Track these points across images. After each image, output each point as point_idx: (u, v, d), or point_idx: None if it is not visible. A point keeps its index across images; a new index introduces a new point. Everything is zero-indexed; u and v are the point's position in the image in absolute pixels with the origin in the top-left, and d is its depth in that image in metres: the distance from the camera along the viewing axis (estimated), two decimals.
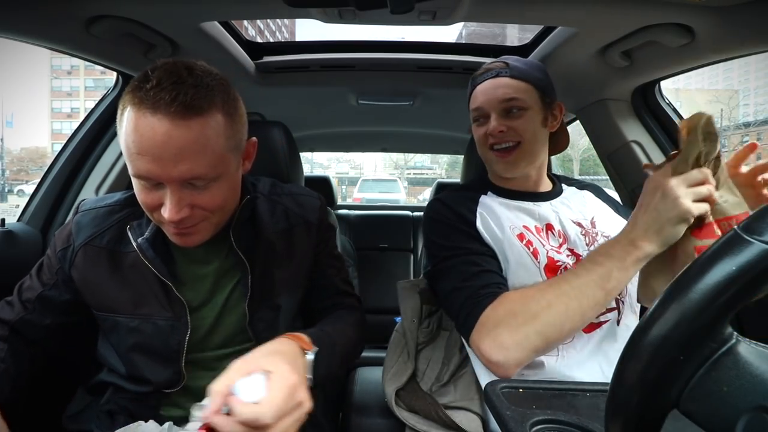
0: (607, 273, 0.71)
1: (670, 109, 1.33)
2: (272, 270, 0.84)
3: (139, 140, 0.63)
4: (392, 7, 0.70)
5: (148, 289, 0.78)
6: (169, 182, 0.65)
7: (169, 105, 0.61)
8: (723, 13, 0.87)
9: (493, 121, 0.91)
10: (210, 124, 0.65)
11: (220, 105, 0.66)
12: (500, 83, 0.92)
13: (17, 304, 0.81)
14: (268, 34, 58.92)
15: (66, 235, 0.82)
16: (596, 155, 1.55)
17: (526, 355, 0.73)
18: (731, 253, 0.29)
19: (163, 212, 0.67)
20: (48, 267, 0.82)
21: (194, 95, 0.63)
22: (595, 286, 0.72)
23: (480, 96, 0.94)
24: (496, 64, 0.94)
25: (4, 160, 32.81)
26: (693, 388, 0.31)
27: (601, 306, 0.73)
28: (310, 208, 0.91)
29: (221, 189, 0.70)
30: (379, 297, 2.13)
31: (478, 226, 0.89)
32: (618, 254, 0.72)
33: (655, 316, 0.31)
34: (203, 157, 0.65)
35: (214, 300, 0.82)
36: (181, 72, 0.64)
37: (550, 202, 0.95)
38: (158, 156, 0.63)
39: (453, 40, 8.02)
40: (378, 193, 13.31)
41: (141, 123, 0.62)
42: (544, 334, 0.72)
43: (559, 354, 0.82)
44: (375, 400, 1.09)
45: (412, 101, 1.67)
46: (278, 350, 0.64)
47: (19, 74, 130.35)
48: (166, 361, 0.78)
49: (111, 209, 0.82)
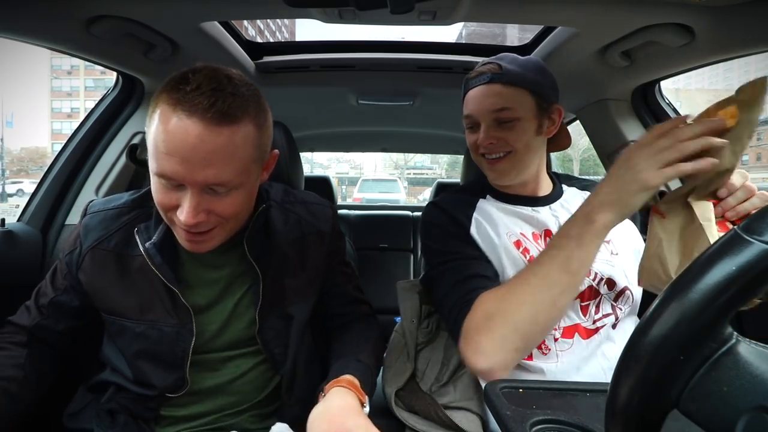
0: (568, 255, 0.70)
1: (670, 109, 1.33)
2: (284, 279, 0.84)
3: (170, 141, 0.63)
4: (392, 7, 0.70)
5: (155, 294, 0.77)
6: (192, 185, 0.65)
7: (206, 110, 0.62)
8: (723, 13, 0.87)
9: (482, 132, 0.89)
10: (241, 134, 0.66)
11: (252, 116, 0.67)
12: (492, 91, 0.88)
13: (34, 310, 0.81)
14: (268, 34, 58.93)
15: (74, 238, 0.82)
16: (596, 155, 1.55)
17: (509, 356, 0.72)
18: (731, 253, 0.29)
19: (179, 214, 0.67)
20: (60, 271, 0.83)
21: (231, 104, 0.64)
22: (560, 271, 0.70)
23: (471, 103, 0.91)
24: (489, 67, 0.89)
25: (4, 160, 32.81)
26: (693, 388, 0.31)
27: (572, 289, 0.72)
28: (322, 217, 0.92)
29: (239, 198, 0.70)
30: (379, 297, 2.11)
31: (472, 232, 0.89)
32: (575, 233, 0.70)
33: (655, 316, 0.31)
34: (230, 165, 0.65)
35: (223, 304, 0.81)
36: (222, 79, 0.65)
37: (550, 206, 0.93)
38: (187, 158, 0.63)
39: (453, 40, 8.02)
40: (378, 193, 13.30)
41: (174, 124, 0.63)
42: (520, 331, 0.71)
43: (558, 359, 0.82)
44: (374, 401, 1.08)
45: (412, 101, 1.67)
46: (351, 406, 0.68)
47: (19, 74, 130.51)
48: (171, 367, 0.78)
49: (119, 211, 0.81)
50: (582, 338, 0.83)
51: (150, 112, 0.67)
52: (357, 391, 0.72)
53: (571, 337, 0.83)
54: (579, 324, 0.83)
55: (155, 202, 0.70)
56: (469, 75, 0.94)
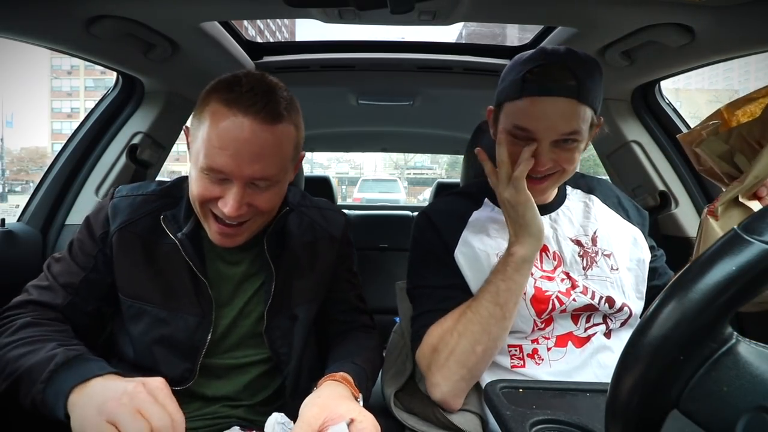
0: (496, 289, 0.75)
1: (670, 109, 1.33)
2: (293, 280, 0.86)
3: (224, 135, 0.69)
4: (392, 7, 0.71)
5: (180, 283, 0.79)
6: (239, 179, 0.70)
7: (259, 110, 0.69)
8: (723, 13, 0.87)
9: (543, 155, 0.76)
10: (285, 133, 0.73)
11: (294, 118, 0.75)
12: (567, 109, 0.74)
13: (59, 290, 0.78)
14: (268, 34, 58.92)
15: (103, 219, 0.82)
16: (596, 155, 1.55)
17: (457, 386, 0.78)
18: (731, 253, 0.29)
19: (222, 206, 0.71)
20: (82, 251, 0.81)
21: (279, 105, 0.71)
22: (490, 304, 0.75)
23: (534, 116, 0.75)
24: (564, 75, 0.74)
25: (4, 160, 32.80)
26: (693, 388, 0.31)
27: (505, 320, 0.75)
28: (335, 223, 0.94)
29: (276, 193, 0.76)
30: (379, 297, 2.12)
31: (456, 255, 0.86)
32: (500, 267, 0.76)
33: (655, 316, 0.31)
34: (275, 161, 0.72)
35: (235, 301, 0.83)
36: (270, 83, 0.73)
37: (550, 215, 0.89)
38: (237, 152, 0.69)
39: (453, 40, 8.01)
40: (378, 193, 13.32)
41: (229, 120, 0.69)
42: (462, 363, 0.76)
43: (552, 368, 0.81)
44: (374, 401, 1.09)
45: (412, 101, 1.67)
46: (343, 395, 0.69)
47: (19, 74, 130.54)
48: (185, 357, 0.79)
49: (146, 198, 0.83)
50: (575, 347, 0.82)
51: (197, 112, 0.73)
52: (350, 385, 0.73)
53: (564, 346, 0.82)
54: (572, 332, 0.83)
55: (194, 194, 0.74)
56: (531, 75, 0.76)
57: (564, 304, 0.81)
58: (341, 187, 21.25)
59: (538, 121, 0.75)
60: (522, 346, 0.82)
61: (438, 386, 0.78)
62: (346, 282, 0.96)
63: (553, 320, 0.82)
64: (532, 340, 0.82)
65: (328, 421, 0.61)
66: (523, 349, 0.82)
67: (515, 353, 0.83)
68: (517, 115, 0.78)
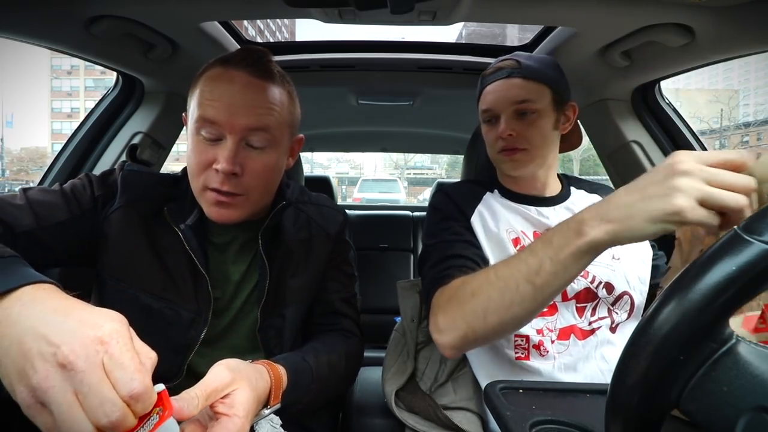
0: (538, 265, 0.60)
1: (670, 109, 1.33)
2: (286, 278, 0.83)
3: (216, 87, 0.71)
4: (392, 7, 0.71)
5: (179, 276, 0.76)
6: (232, 133, 0.70)
7: (251, 66, 0.72)
8: (723, 13, 0.87)
9: (503, 123, 0.89)
10: (278, 93, 0.75)
11: (286, 85, 0.78)
12: (512, 84, 0.89)
13: (29, 213, 0.68)
14: (268, 34, 58.94)
15: (111, 185, 0.77)
16: (596, 155, 1.55)
17: (457, 338, 0.70)
18: (731, 253, 0.29)
19: (216, 166, 0.70)
20: (76, 197, 0.74)
21: (271, 67, 0.75)
22: (523, 278, 0.61)
23: (490, 96, 0.91)
24: (508, 63, 0.91)
25: (4, 160, 32.78)
26: (693, 388, 0.31)
27: (534, 303, 0.62)
28: (332, 221, 0.92)
29: (270, 160, 0.75)
30: (379, 297, 2.12)
31: (472, 221, 0.90)
32: (558, 241, 0.58)
33: (655, 316, 0.31)
34: (268, 114, 0.73)
35: (235, 302, 0.82)
36: (261, 54, 0.76)
37: (554, 207, 0.93)
38: (230, 102, 0.70)
39: (453, 40, 8.02)
40: (378, 193, 13.33)
41: (222, 74, 0.71)
42: (467, 322, 0.68)
43: (556, 360, 0.82)
44: (375, 400, 1.09)
45: (412, 101, 1.67)
46: (260, 398, 0.59)
47: (19, 74, 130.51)
48: (174, 353, 0.75)
49: (157, 180, 0.82)
50: (578, 339, 0.83)
51: (192, 90, 0.75)
52: (277, 381, 0.63)
53: (567, 339, 0.83)
54: (575, 325, 0.83)
55: (191, 165, 0.73)
56: (485, 72, 0.95)
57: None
58: (341, 187, 21.25)
59: (494, 100, 0.91)
60: (529, 336, 0.83)
61: (439, 332, 0.73)
62: (334, 282, 0.90)
63: (558, 309, 0.83)
64: (537, 330, 0.83)
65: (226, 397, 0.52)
66: (530, 339, 0.82)
67: (521, 344, 0.83)
68: (482, 103, 0.94)
